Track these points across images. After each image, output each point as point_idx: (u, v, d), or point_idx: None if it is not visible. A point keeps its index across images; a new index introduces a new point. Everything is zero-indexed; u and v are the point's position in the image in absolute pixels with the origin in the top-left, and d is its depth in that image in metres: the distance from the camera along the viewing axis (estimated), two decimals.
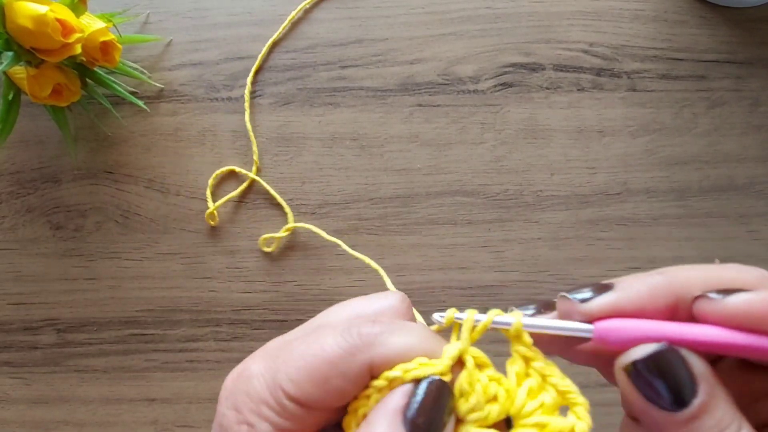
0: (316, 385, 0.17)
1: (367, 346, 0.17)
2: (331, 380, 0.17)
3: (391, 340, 0.17)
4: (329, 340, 0.17)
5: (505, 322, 0.19)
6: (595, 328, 0.17)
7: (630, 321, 0.17)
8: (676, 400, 0.16)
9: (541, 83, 0.42)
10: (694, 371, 0.16)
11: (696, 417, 0.16)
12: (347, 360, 0.17)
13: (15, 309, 0.41)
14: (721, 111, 0.42)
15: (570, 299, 0.18)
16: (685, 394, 0.16)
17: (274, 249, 0.41)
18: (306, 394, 0.17)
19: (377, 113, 0.42)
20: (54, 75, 0.37)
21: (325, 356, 0.17)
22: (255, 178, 0.41)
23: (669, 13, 0.43)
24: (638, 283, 0.18)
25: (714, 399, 0.16)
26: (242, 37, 0.43)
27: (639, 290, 0.18)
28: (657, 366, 0.16)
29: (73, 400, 0.41)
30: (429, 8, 0.43)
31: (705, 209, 0.41)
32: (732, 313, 0.16)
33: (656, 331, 0.17)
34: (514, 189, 0.41)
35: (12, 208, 0.42)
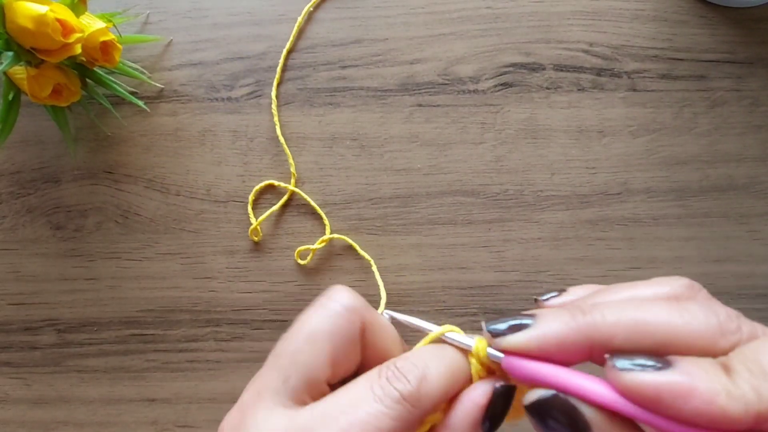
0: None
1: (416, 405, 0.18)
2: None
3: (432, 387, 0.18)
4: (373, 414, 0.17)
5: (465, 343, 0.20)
6: (503, 361, 0.19)
7: (532, 364, 0.18)
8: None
9: (541, 83, 0.42)
10: (586, 418, 0.16)
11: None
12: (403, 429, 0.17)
13: (15, 309, 0.41)
14: (721, 111, 0.42)
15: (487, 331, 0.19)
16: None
17: (309, 261, 0.41)
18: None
19: (377, 113, 0.42)
20: (54, 75, 0.37)
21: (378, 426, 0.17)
22: (295, 190, 0.41)
23: (669, 13, 0.43)
24: (555, 325, 0.18)
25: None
26: (242, 37, 0.43)
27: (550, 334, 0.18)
28: (547, 410, 0.17)
29: (73, 401, 0.41)
30: (429, 8, 0.43)
31: (705, 209, 0.41)
32: (626, 386, 0.16)
33: (551, 377, 0.17)
34: (514, 189, 0.41)
35: (12, 208, 0.42)
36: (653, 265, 0.40)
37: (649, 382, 0.15)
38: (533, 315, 0.18)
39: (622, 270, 0.40)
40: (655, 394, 0.15)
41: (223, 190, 0.42)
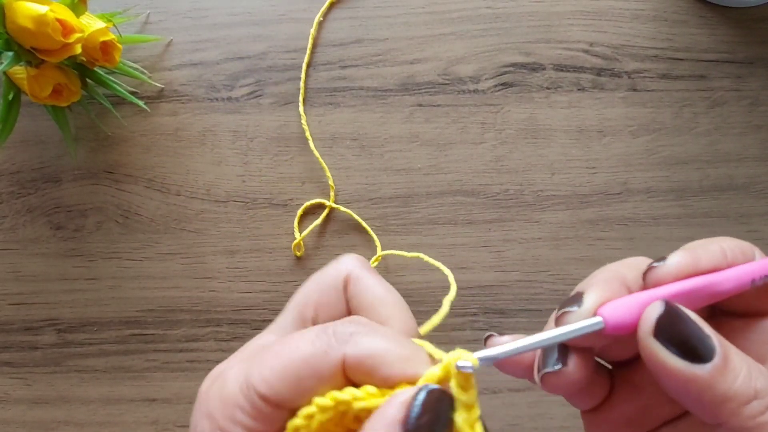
0: (289, 384, 0.17)
1: (341, 345, 0.17)
2: (304, 379, 0.17)
3: (365, 340, 0.17)
4: (304, 340, 0.17)
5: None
6: (601, 313, 0.18)
7: (621, 299, 0.19)
8: (702, 350, 0.17)
9: (542, 83, 0.42)
10: (698, 321, 0.17)
11: (727, 360, 0.17)
12: (320, 358, 0.17)
13: (15, 309, 0.41)
14: (721, 111, 0.42)
15: (570, 311, 0.19)
16: (707, 342, 0.17)
17: None
18: (278, 393, 0.17)
19: (377, 113, 0.42)
20: (54, 75, 0.37)
21: (298, 355, 0.17)
22: (334, 206, 0.41)
23: (669, 13, 0.43)
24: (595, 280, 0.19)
25: (724, 341, 0.17)
26: (242, 37, 0.43)
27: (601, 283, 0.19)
28: (673, 320, 0.17)
29: (73, 401, 0.41)
30: (429, 8, 0.43)
31: (705, 209, 0.41)
32: (674, 268, 0.19)
33: (649, 296, 0.18)
34: (514, 189, 0.41)
35: (12, 208, 0.42)
36: None
37: (683, 255, 0.19)
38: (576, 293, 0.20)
39: None
40: (692, 259, 0.19)
41: (223, 190, 0.42)
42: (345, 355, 0.17)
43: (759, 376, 0.17)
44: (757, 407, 0.16)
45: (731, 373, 0.17)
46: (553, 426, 0.39)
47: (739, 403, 0.16)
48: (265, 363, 0.17)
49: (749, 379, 0.17)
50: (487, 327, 0.40)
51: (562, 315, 0.19)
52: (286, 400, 0.17)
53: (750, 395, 0.17)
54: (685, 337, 0.17)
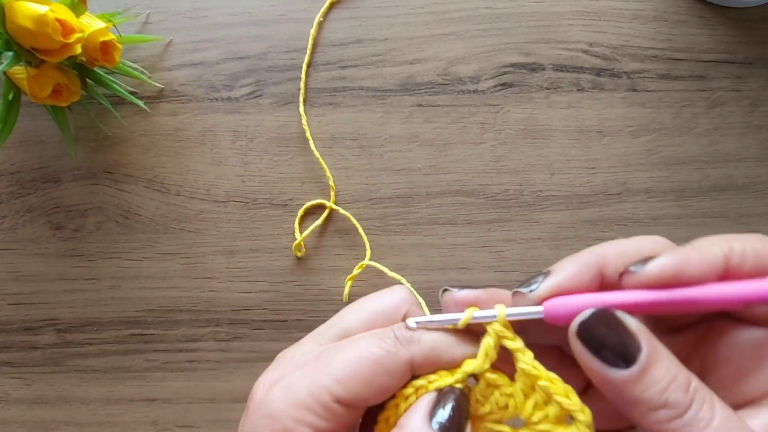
0: (364, 385, 0.19)
1: (407, 345, 0.20)
2: (377, 378, 0.19)
3: (425, 337, 0.20)
4: (371, 344, 0.20)
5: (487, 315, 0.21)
6: (544, 307, 0.20)
7: (571, 297, 0.20)
8: (625, 356, 0.18)
9: (541, 83, 0.42)
10: (632, 329, 0.18)
11: (646, 369, 0.18)
12: (391, 359, 0.19)
13: (15, 309, 0.41)
14: (720, 111, 0.42)
15: (521, 292, 0.20)
16: (631, 349, 0.18)
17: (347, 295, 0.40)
18: (353, 394, 0.19)
19: (377, 113, 0.42)
20: (54, 75, 0.37)
21: (370, 357, 0.19)
22: (334, 207, 0.41)
23: (669, 13, 0.43)
24: (568, 264, 0.20)
25: (657, 351, 0.18)
26: (242, 37, 0.43)
27: (570, 270, 0.20)
28: (599, 325, 0.18)
29: (73, 400, 0.41)
30: (429, 8, 0.43)
31: (705, 209, 0.41)
32: (650, 277, 0.19)
33: (593, 299, 0.19)
34: (514, 189, 0.41)
35: (12, 208, 0.42)
36: None
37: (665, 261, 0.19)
38: (545, 271, 0.20)
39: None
40: (676, 268, 0.18)
41: (223, 190, 0.42)
42: (413, 354, 0.20)
43: (677, 390, 0.18)
44: (663, 415, 0.17)
45: (645, 383, 0.18)
46: None
47: (647, 408, 0.18)
48: (335, 366, 0.19)
49: (664, 390, 0.18)
50: None
51: (515, 294, 0.21)
52: (360, 400, 0.19)
53: (659, 404, 0.17)
54: (607, 343, 0.18)
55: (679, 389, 0.18)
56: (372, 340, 0.20)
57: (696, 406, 0.17)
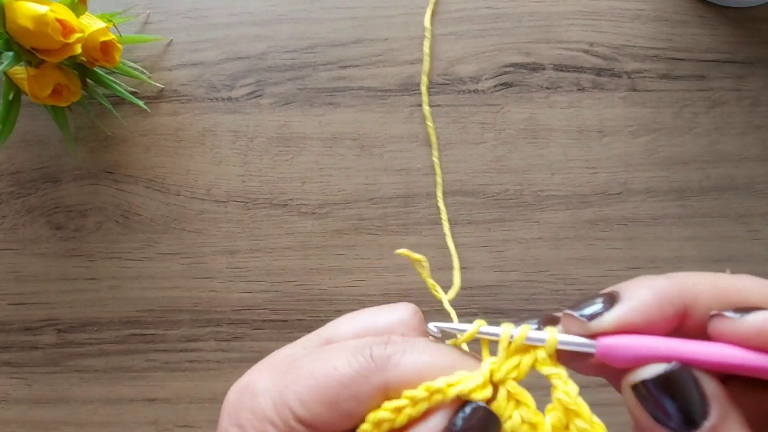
0: (327, 407, 0.16)
1: (381, 368, 0.17)
2: (342, 402, 0.16)
3: (405, 359, 0.17)
4: (341, 361, 0.17)
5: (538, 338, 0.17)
6: (598, 345, 0.16)
7: (637, 338, 0.16)
8: (687, 422, 0.15)
9: (542, 83, 0.42)
10: (706, 392, 0.15)
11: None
12: (360, 382, 0.16)
13: (15, 309, 0.41)
14: (721, 111, 0.42)
15: (576, 317, 0.17)
16: (695, 415, 0.15)
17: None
18: (315, 416, 0.16)
19: (377, 113, 0.42)
20: (54, 75, 0.37)
21: (337, 377, 0.17)
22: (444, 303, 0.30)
23: (669, 13, 0.43)
24: (645, 291, 0.17)
25: (726, 421, 0.15)
26: (242, 37, 0.43)
27: (646, 300, 0.16)
28: (666, 386, 0.16)
29: (73, 401, 0.41)
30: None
31: (705, 209, 0.41)
32: (751, 333, 0.15)
33: (666, 349, 0.16)
34: (514, 189, 0.41)
35: (12, 208, 0.42)
36: (653, 265, 0.40)
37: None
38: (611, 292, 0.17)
39: (622, 270, 0.40)
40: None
41: (223, 190, 0.42)
42: (387, 380, 0.17)
43: None
44: None
45: None
46: None
47: None
48: (300, 383, 0.17)
49: None
50: None
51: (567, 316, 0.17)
52: (321, 423, 0.16)
53: None
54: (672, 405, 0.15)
55: None
56: (343, 356, 0.17)
57: None
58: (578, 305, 0.17)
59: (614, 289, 0.17)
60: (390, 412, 0.16)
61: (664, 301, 0.16)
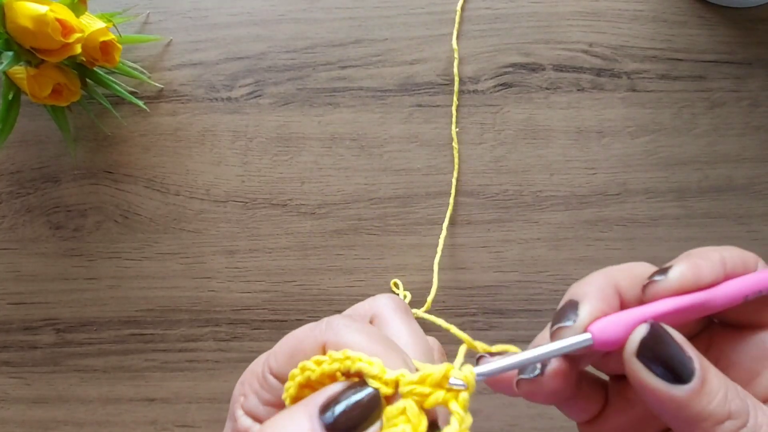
0: (287, 359, 0.19)
1: (325, 332, 0.19)
2: (296, 355, 0.19)
3: (344, 332, 0.19)
4: (307, 325, 0.20)
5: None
6: (593, 333, 0.19)
7: (612, 316, 0.19)
8: (681, 371, 0.18)
9: (541, 83, 0.42)
10: (681, 342, 0.18)
11: (704, 382, 0.17)
12: (309, 338, 0.19)
13: (15, 309, 0.41)
14: (720, 111, 0.42)
15: (565, 326, 0.20)
16: (687, 364, 0.18)
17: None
18: (280, 368, 0.19)
19: (377, 113, 0.42)
20: (54, 75, 0.37)
21: (297, 335, 0.20)
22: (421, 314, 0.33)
23: (668, 14, 0.43)
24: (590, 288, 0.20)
25: (705, 362, 0.18)
26: (242, 37, 0.43)
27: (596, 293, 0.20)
28: (657, 341, 0.18)
29: (72, 400, 0.41)
30: (429, 8, 0.43)
31: (704, 209, 0.41)
32: (676, 283, 0.19)
33: (638, 315, 0.19)
34: (513, 189, 0.41)
35: (12, 208, 0.42)
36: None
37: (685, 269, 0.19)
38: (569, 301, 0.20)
39: None
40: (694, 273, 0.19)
41: (223, 190, 0.42)
42: (326, 340, 0.19)
43: (734, 398, 0.18)
44: (729, 427, 0.17)
45: (708, 395, 0.17)
46: (553, 426, 0.39)
47: (713, 422, 0.17)
48: (279, 343, 0.20)
49: (725, 401, 0.17)
50: (486, 327, 0.40)
51: (558, 330, 0.20)
52: (283, 373, 0.19)
53: (724, 416, 0.17)
54: (667, 359, 0.18)
55: (736, 397, 0.18)
56: (311, 324, 0.20)
57: (753, 412, 0.18)
58: (556, 321, 0.20)
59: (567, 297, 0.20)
60: (313, 362, 0.18)
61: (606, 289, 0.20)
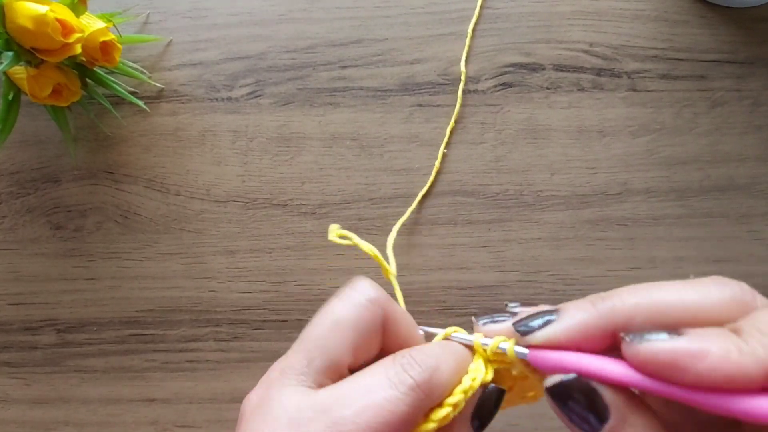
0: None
1: (428, 398, 0.19)
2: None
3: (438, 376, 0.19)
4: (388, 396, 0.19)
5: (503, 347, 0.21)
6: (529, 355, 0.19)
7: (556, 353, 0.19)
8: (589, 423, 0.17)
9: (541, 83, 0.42)
10: (604, 400, 0.17)
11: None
12: (415, 416, 0.19)
13: (15, 309, 0.41)
14: (721, 111, 0.42)
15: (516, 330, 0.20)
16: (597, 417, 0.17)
17: None
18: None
19: (377, 113, 0.42)
20: (54, 75, 0.37)
21: (393, 420, 0.18)
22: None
23: (669, 13, 0.43)
24: (579, 314, 0.19)
25: (624, 425, 0.17)
26: (242, 37, 0.43)
27: (574, 324, 0.18)
28: (564, 393, 0.18)
29: (73, 401, 0.41)
30: (429, 8, 0.43)
31: (705, 209, 0.41)
32: (641, 358, 0.16)
33: (571, 363, 0.18)
34: (514, 189, 0.41)
35: (12, 208, 0.42)
36: (653, 265, 0.40)
37: (663, 348, 0.16)
38: (556, 309, 0.19)
39: (622, 270, 0.40)
40: (670, 359, 0.16)
41: (223, 190, 0.42)
42: (433, 403, 0.20)
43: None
44: None
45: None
46: (553, 426, 0.39)
47: None
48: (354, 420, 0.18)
49: None
50: None
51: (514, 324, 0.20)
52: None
53: None
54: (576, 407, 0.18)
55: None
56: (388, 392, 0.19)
57: None
58: (523, 319, 0.20)
59: (559, 307, 0.19)
60: (437, 422, 0.19)
61: (590, 326, 0.18)
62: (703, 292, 0.17)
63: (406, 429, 0.18)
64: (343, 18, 0.43)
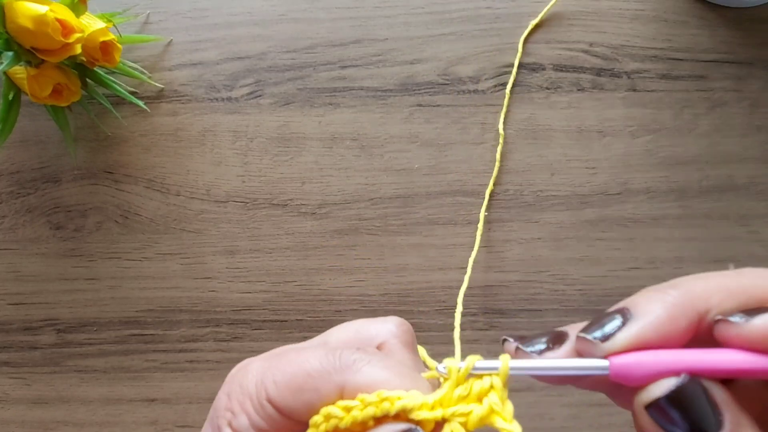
0: (292, 393, 0.18)
1: (343, 370, 0.18)
2: (305, 392, 0.18)
3: (366, 369, 0.18)
4: (315, 355, 0.18)
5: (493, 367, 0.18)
6: (611, 365, 0.16)
7: (648, 354, 0.16)
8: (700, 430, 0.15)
9: (541, 83, 0.42)
10: (717, 402, 0.15)
11: None
12: (322, 376, 0.18)
13: (15, 309, 0.41)
14: (721, 111, 0.42)
15: (590, 340, 0.17)
16: (709, 427, 0.15)
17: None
18: (282, 399, 0.18)
19: (377, 113, 0.42)
20: (54, 75, 0.37)
21: (306, 368, 0.18)
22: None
23: (669, 14, 0.43)
24: (656, 306, 0.16)
25: (739, 428, 0.15)
26: (242, 37, 0.43)
27: (659, 315, 0.16)
28: (678, 401, 0.15)
29: (72, 401, 0.41)
30: (429, 8, 0.43)
31: (705, 210, 0.41)
32: (755, 337, 0.15)
33: (676, 362, 0.15)
34: (514, 189, 0.41)
35: (12, 208, 0.42)
36: (653, 266, 0.40)
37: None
38: (621, 309, 0.17)
39: (622, 270, 0.40)
40: None
41: (223, 190, 0.42)
42: (345, 381, 0.18)
43: None
44: None
45: None
46: (553, 426, 0.39)
47: None
48: (279, 367, 0.19)
49: None
50: (487, 327, 0.40)
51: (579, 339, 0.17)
52: (286, 407, 0.18)
53: None
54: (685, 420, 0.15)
55: None
56: (319, 353, 0.18)
57: None
58: (590, 327, 0.17)
59: (624, 305, 0.17)
60: (341, 409, 0.17)
61: (676, 314, 0.16)
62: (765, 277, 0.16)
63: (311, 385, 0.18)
64: (343, 18, 0.43)
